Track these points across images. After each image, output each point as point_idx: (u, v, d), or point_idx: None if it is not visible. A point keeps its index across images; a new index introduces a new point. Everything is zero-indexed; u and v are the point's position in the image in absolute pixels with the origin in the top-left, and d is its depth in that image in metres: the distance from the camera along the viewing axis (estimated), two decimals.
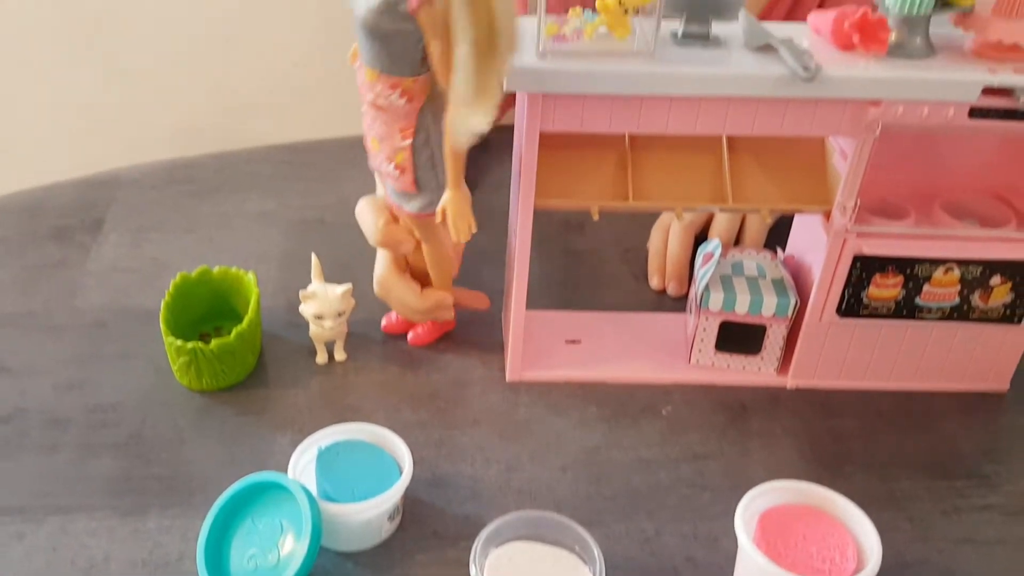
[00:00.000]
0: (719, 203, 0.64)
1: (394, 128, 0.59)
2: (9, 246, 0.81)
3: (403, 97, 0.58)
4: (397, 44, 0.55)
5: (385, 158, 0.61)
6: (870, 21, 0.56)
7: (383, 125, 0.59)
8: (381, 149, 0.61)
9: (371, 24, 0.54)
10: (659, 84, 0.57)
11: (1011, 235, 0.63)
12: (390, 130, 0.59)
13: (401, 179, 0.62)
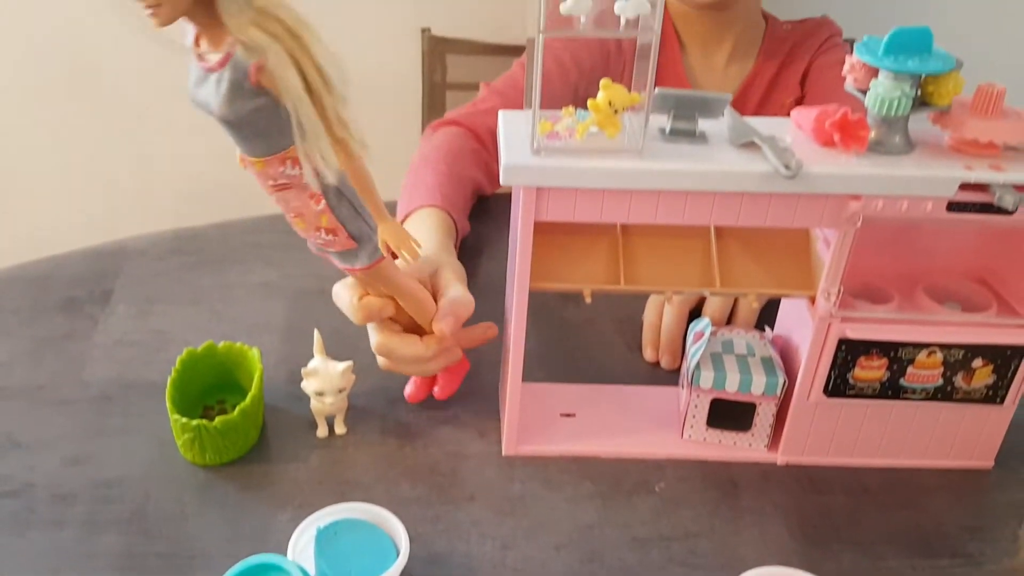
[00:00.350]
0: (707, 287, 0.67)
1: (304, 198, 0.58)
2: (20, 317, 0.83)
3: (295, 166, 0.56)
4: (262, 121, 0.54)
5: (313, 230, 0.61)
6: (850, 121, 0.59)
7: (295, 200, 0.58)
8: (306, 224, 0.61)
9: (230, 116, 0.52)
10: (647, 180, 0.59)
11: (991, 320, 0.65)
12: (302, 202, 0.59)
13: (337, 240, 0.61)
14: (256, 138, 0.55)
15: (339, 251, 0.63)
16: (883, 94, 0.57)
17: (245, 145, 0.55)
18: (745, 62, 1.10)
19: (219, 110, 0.52)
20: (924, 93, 0.60)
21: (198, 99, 0.53)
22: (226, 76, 0.51)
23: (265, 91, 0.52)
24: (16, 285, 0.88)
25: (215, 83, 0.51)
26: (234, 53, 0.50)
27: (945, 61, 0.58)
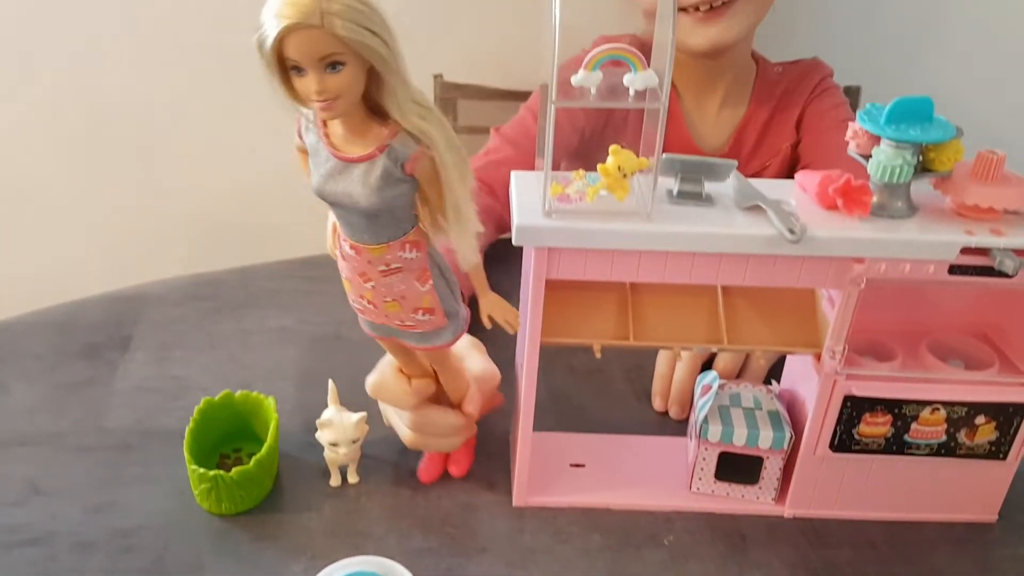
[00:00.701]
0: (715, 343, 0.68)
1: (411, 281, 0.61)
2: (43, 363, 0.85)
3: (413, 249, 0.60)
4: (399, 207, 0.57)
5: (410, 312, 0.62)
6: (853, 187, 0.60)
7: (401, 284, 0.61)
8: (402, 308, 0.62)
9: (377, 203, 0.55)
10: (655, 241, 0.61)
11: (993, 379, 0.67)
12: (409, 286, 0.61)
13: (432, 320, 0.63)
14: (389, 225, 0.58)
15: (426, 331, 0.64)
16: (885, 162, 0.59)
17: (374, 232, 0.58)
18: (737, 107, 1.11)
19: (366, 199, 0.55)
20: (926, 159, 0.61)
21: (334, 190, 0.55)
22: (379, 164, 0.54)
23: (410, 179, 0.55)
24: (38, 330, 0.90)
25: (362, 173, 0.54)
26: (389, 144, 0.54)
27: (946, 130, 0.59)
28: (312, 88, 0.51)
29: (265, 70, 0.52)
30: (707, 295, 0.69)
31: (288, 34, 0.49)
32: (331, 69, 0.50)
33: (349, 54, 0.50)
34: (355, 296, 0.63)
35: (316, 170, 0.56)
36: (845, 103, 1.10)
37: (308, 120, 0.56)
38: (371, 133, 0.54)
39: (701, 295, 0.69)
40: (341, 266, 0.63)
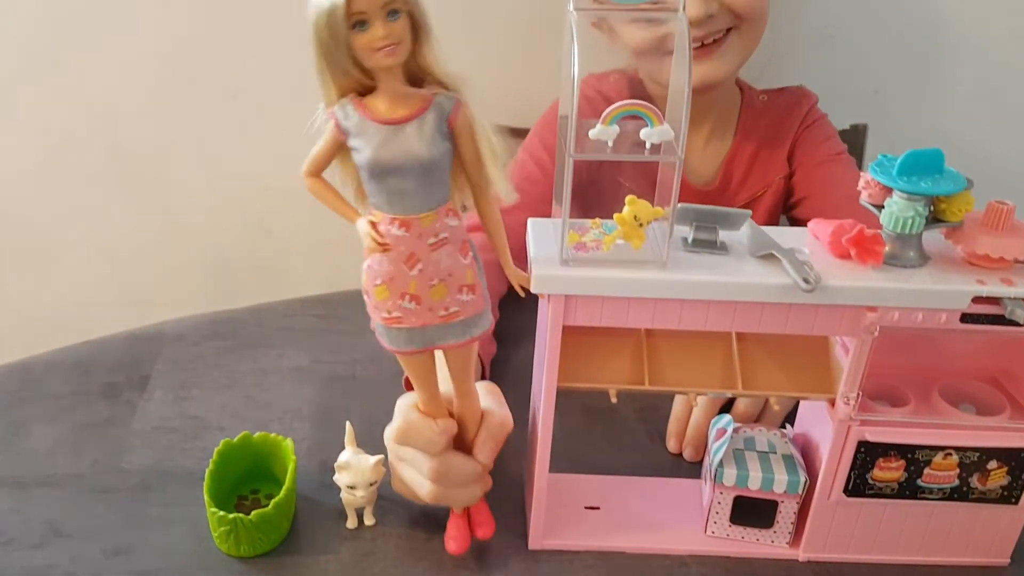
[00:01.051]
0: (730, 389, 0.69)
1: (455, 254, 0.62)
2: (62, 403, 0.86)
3: (455, 217, 0.62)
4: (444, 167, 0.60)
5: (455, 291, 0.63)
6: (866, 237, 0.61)
7: (448, 258, 0.61)
8: (448, 288, 0.62)
9: (435, 155, 0.58)
10: (670, 290, 0.62)
11: (1005, 424, 0.67)
12: (454, 260, 0.62)
13: (472, 300, 0.64)
14: (440, 185, 0.60)
15: (468, 317, 0.64)
16: (897, 213, 0.60)
17: (425, 196, 0.60)
18: (723, 140, 1.09)
19: (426, 151, 0.58)
20: (937, 210, 0.62)
21: (392, 153, 0.58)
22: (429, 118, 0.58)
23: (450, 138, 0.59)
24: (59, 369, 0.91)
25: (416, 129, 0.58)
26: (433, 98, 0.58)
27: (956, 182, 0.60)
28: (379, 34, 0.55)
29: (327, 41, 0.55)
30: (722, 340, 0.70)
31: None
32: (391, 16, 0.55)
33: (402, 3, 0.55)
34: (396, 298, 0.62)
35: (367, 145, 0.58)
36: (835, 134, 1.10)
37: (345, 109, 0.59)
38: (413, 97, 0.58)
39: (716, 340, 0.69)
40: (376, 268, 0.62)
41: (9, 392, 0.88)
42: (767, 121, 1.09)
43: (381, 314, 0.64)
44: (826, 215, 1.02)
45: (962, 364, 0.72)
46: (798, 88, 1.12)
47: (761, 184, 1.08)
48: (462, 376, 0.69)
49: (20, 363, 0.92)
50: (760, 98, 1.10)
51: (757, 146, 1.08)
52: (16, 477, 0.78)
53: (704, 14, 0.91)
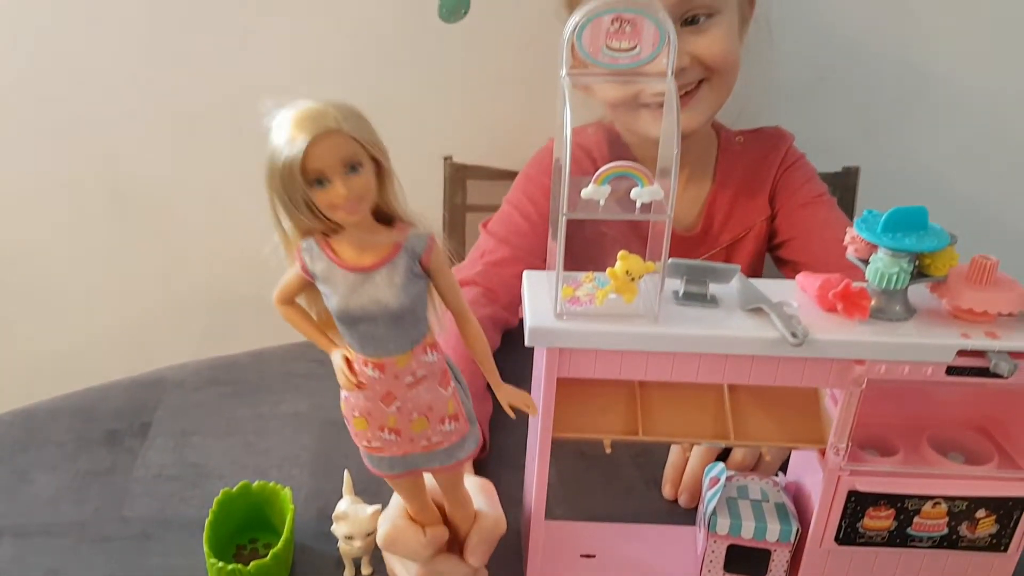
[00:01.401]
0: (722, 439, 0.70)
1: (435, 388, 0.60)
2: (65, 451, 0.87)
3: (433, 351, 0.60)
4: (419, 306, 0.58)
5: (438, 423, 0.61)
6: (852, 292, 0.63)
7: (427, 393, 0.60)
8: (430, 422, 0.61)
9: (405, 302, 0.56)
10: (662, 343, 0.64)
11: (993, 473, 0.68)
12: (434, 394, 0.60)
13: (456, 428, 0.62)
14: (412, 327, 0.58)
15: (452, 444, 0.63)
16: (883, 269, 0.62)
17: (398, 339, 0.57)
18: (702, 183, 1.11)
19: (396, 299, 0.56)
20: (922, 264, 0.64)
21: (359, 303, 0.56)
22: (400, 263, 0.56)
23: (424, 275, 0.57)
24: (61, 417, 0.92)
25: (385, 276, 0.56)
26: (403, 243, 0.56)
27: (940, 238, 0.62)
28: (340, 192, 0.52)
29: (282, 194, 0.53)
30: (714, 391, 0.71)
31: (312, 146, 0.51)
32: (352, 171, 0.53)
33: (363, 155, 0.53)
34: (374, 431, 0.62)
35: (334, 293, 0.56)
36: (815, 175, 1.12)
37: (311, 251, 0.57)
38: (381, 239, 0.56)
39: (709, 391, 0.71)
40: (353, 401, 0.61)
41: (13, 440, 0.89)
42: (745, 163, 1.11)
43: (361, 443, 0.63)
44: (812, 257, 1.06)
45: (951, 413, 0.73)
46: (774, 129, 1.14)
47: (742, 227, 1.09)
48: (451, 488, 0.68)
49: (24, 410, 0.93)
50: (737, 140, 1.12)
51: (737, 189, 1.10)
52: (19, 526, 0.78)
53: (676, 68, 0.93)
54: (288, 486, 0.77)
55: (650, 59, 0.60)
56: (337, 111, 0.52)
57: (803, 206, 1.08)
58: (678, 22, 0.95)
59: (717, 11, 0.97)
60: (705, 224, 1.10)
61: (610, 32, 0.59)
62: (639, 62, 0.60)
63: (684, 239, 1.09)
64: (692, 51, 0.95)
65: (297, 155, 0.51)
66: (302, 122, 0.51)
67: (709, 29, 0.96)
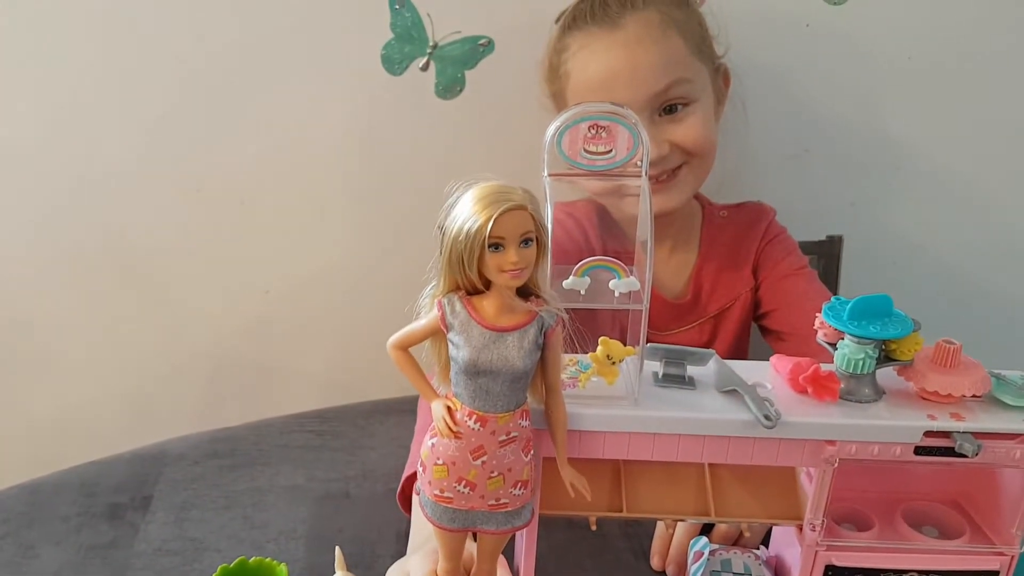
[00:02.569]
0: (703, 515, 0.73)
1: (519, 452, 0.65)
2: (69, 525, 0.90)
3: (527, 418, 0.65)
4: (529, 375, 0.64)
5: (511, 486, 0.66)
6: (821, 375, 0.66)
7: (511, 455, 0.65)
8: (504, 482, 0.65)
9: (528, 365, 0.62)
10: (642, 424, 0.67)
11: (964, 548, 0.71)
12: (516, 457, 0.65)
13: (523, 495, 0.67)
14: (523, 390, 0.64)
15: (514, 509, 0.67)
16: (849, 355, 0.65)
17: (508, 399, 0.63)
18: (688, 251, 1.15)
19: (522, 361, 0.62)
20: (888, 349, 0.67)
21: (489, 358, 0.62)
22: (531, 331, 0.62)
23: (542, 349, 0.63)
24: (66, 491, 0.95)
25: (517, 339, 0.62)
26: (538, 314, 0.62)
27: (904, 325, 0.65)
28: (511, 259, 0.60)
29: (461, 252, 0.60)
30: (696, 468, 0.74)
31: (502, 215, 0.59)
32: (524, 244, 0.60)
33: (534, 233, 0.60)
34: (453, 480, 0.65)
35: (467, 344, 0.62)
36: (796, 248, 1.17)
37: (453, 305, 0.63)
38: (518, 308, 0.63)
39: (690, 468, 0.73)
40: (441, 449, 0.65)
41: (19, 514, 0.92)
42: (729, 236, 1.15)
43: (434, 491, 0.66)
44: (793, 328, 1.09)
45: (925, 488, 0.76)
46: (756, 204, 1.19)
47: (729, 296, 1.13)
48: (489, 557, 0.72)
49: (29, 484, 0.96)
50: (720, 214, 1.17)
51: (721, 260, 1.14)
52: None
53: (657, 156, 0.99)
54: (284, 561, 0.79)
55: (625, 161, 0.64)
56: (525, 193, 0.60)
57: (784, 278, 1.12)
58: (656, 112, 1.00)
59: (694, 99, 1.03)
60: (694, 293, 1.14)
61: (587, 137, 0.63)
62: (615, 164, 0.64)
63: (675, 306, 1.13)
64: (671, 139, 1.01)
65: (490, 220, 0.59)
66: (495, 196, 0.59)
67: (686, 118, 1.02)
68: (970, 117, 1.35)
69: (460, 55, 1.29)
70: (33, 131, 1.25)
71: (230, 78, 1.23)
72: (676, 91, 1.00)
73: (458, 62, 1.31)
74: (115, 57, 1.20)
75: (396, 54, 1.30)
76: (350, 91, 1.26)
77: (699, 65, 1.04)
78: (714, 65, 1.08)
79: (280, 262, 1.36)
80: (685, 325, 1.14)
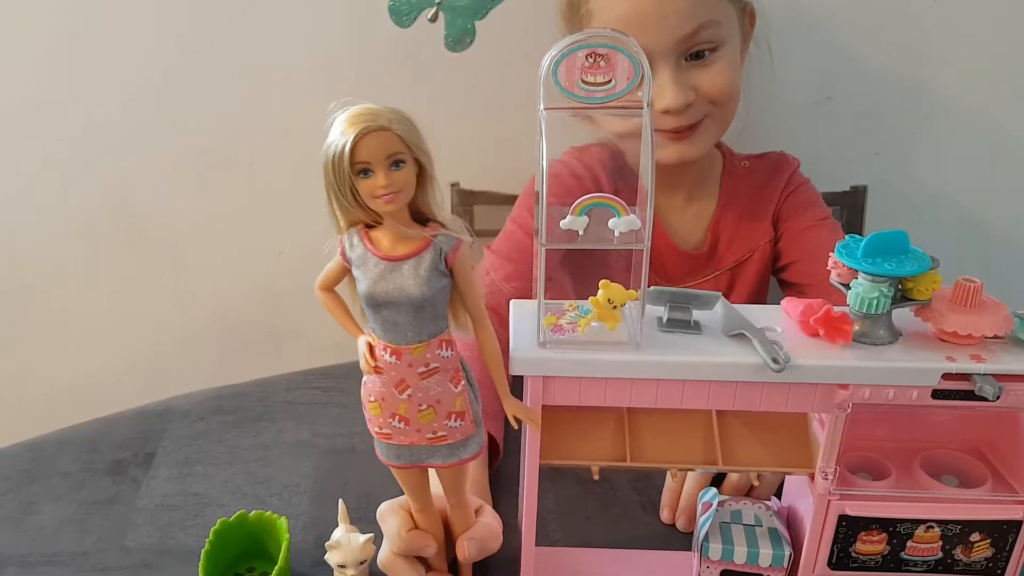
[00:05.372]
0: (710, 464, 0.70)
1: (445, 383, 0.65)
2: (71, 482, 0.89)
3: (448, 348, 0.64)
4: (440, 302, 0.63)
5: (443, 418, 0.66)
6: (833, 316, 0.63)
7: (437, 386, 0.65)
8: (436, 414, 0.66)
9: (427, 294, 0.61)
10: (645, 370, 0.64)
11: (986, 496, 0.68)
12: (444, 388, 0.65)
13: (461, 426, 0.67)
14: (431, 320, 0.63)
15: (455, 441, 0.67)
16: (862, 294, 0.62)
17: (416, 329, 0.63)
18: (705, 200, 1.11)
19: (417, 289, 0.61)
20: (905, 289, 0.64)
21: (385, 289, 0.61)
22: (426, 258, 0.61)
23: (449, 275, 0.63)
24: (69, 448, 0.94)
25: (412, 267, 0.61)
26: (433, 240, 0.61)
27: (921, 262, 0.62)
28: (380, 183, 0.58)
29: (333, 182, 0.59)
30: (703, 416, 0.71)
31: (362, 138, 0.57)
32: (394, 167, 0.59)
33: (407, 154, 0.59)
34: (386, 417, 0.66)
35: (364, 277, 0.62)
36: (819, 199, 1.12)
37: (351, 239, 0.63)
38: (414, 236, 0.62)
39: (697, 416, 0.71)
40: (371, 386, 0.66)
41: (22, 471, 0.91)
42: (750, 187, 1.11)
43: (374, 428, 0.68)
44: (814, 280, 1.05)
45: (945, 436, 0.73)
46: (779, 154, 1.15)
47: (747, 248, 1.09)
48: (453, 490, 0.72)
49: (32, 441, 0.95)
50: (743, 164, 1.12)
51: (741, 211, 1.10)
52: (23, 556, 0.80)
53: (683, 103, 0.95)
54: (286, 515, 0.78)
55: (625, 92, 0.60)
56: (391, 113, 0.59)
57: (807, 229, 1.08)
58: (683, 58, 0.96)
59: (721, 44, 0.98)
60: (711, 244, 1.10)
61: (584, 67, 0.60)
62: (614, 95, 0.60)
63: (691, 257, 1.10)
64: (697, 85, 0.96)
65: (347, 144, 0.57)
66: (357, 118, 0.58)
67: (714, 63, 0.97)
68: (1003, 65, 1.29)
69: (469, 4, 1.26)
70: (39, 95, 1.23)
71: (237, 35, 1.21)
72: (704, 35, 0.95)
73: (467, 12, 1.27)
74: (122, 17, 1.18)
75: (404, 5, 1.26)
76: (359, 46, 1.23)
77: (727, 4, 0.99)
78: (741, 3, 1.03)
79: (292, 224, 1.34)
80: (700, 278, 1.11)
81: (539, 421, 0.67)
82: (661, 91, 0.95)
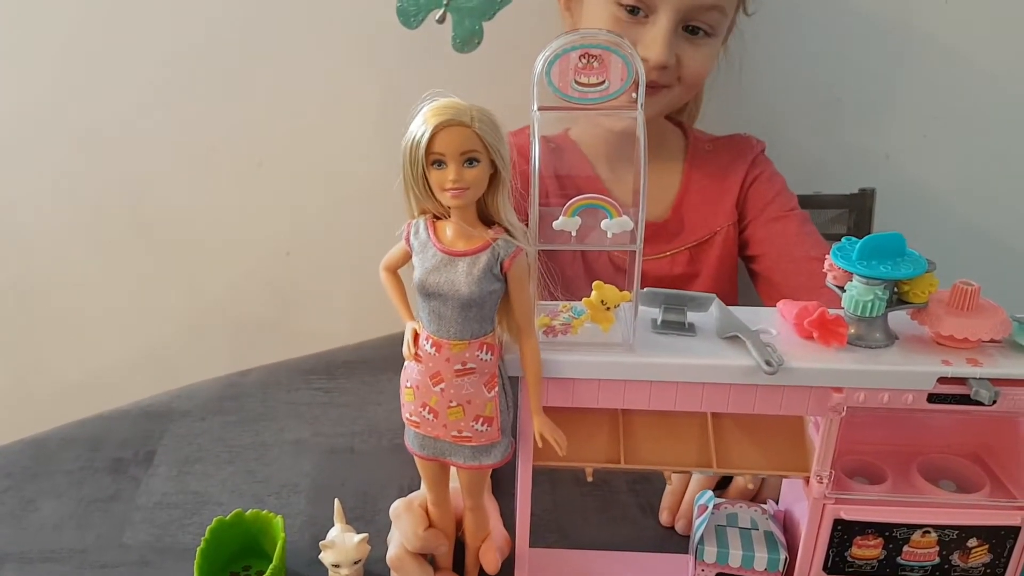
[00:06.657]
0: (705, 467, 0.69)
1: (479, 385, 0.64)
2: (71, 479, 0.90)
3: (489, 352, 0.64)
4: (488, 305, 0.63)
5: (471, 419, 0.65)
6: (827, 319, 0.62)
7: (470, 387, 0.64)
8: (465, 414, 0.65)
9: (475, 294, 0.61)
10: (638, 372, 0.64)
11: (984, 502, 0.67)
12: (476, 390, 0.65)
13: (487, 432, 0.66)
14: (476, 320, 0.63)
15: (479, 445, 0.67)
16: (857, 297, 0.61)
17: (460, 326, 0.63)
18: (671, 175, 1.11)
19: (467, 287, 0.61)
20: (901, 291, 0.63)
21: (436, 280, 0.62)
22: (483, 259, 0.61)
23: (503, 280, 0.62)
24: (71, 445, 0.95)
25: (467, 265, 0.62)
26: (492, 243, 0.61)
27: (916, 265, 0.61)
28: (450, 177, 0.59)
29: (408, 169, 0.60)
30: (699, 418, 0.70)
31: (440, 130, 0.58)
32: (468, 164, 0.59)
33: (483, 154, 0.59)
34: (417, 405, 0.66)
35: (421, 265, 0.63)
36: (784, 188, 1.11)
37: (418, 227, 0.64)
38: (476, 235, 0.62)
39: (693, 418, 0.70)
40: (410, 371, 0.66)
41: (23, 468, 0.91)
42: (714, 165, 1.11)
43: (405, 414, 0.68)
44: (781, 276, 1.05)
45: (943, 440, 0.72)
46: (744, 136, 1.15)
47: (708, 228, 1.09)
48: (471, 493, 0.72)
49: (35, 438, 0.96)
50: (706, 147, 1.13)
51: (704, 191, 1.10)
52: (23, 552, 0.80)
53: (664, 64, 0.96)
54: (284, 514, 0.78)
55: (619, 93, 0.60)
56: (476, 112, 0.59)
57: (773, 220, 1.07)
58: (682, 26, 0.97)
59: (715, 32, 0.99)
60: (675, 216, 1.09)
61: (578, 68, 0.60)
62: (608, 96, 0.60)
63: (654, 225, 1.08)
64: (680, 56, 0.98)
65: (425, 134, 0.58)
66: (439, 110, 0.58)
67: (703, 46, 0.99)
68: (1015, 67, 1.28)
69: (477, 5, 1.26)
70: (54, 96, 1.24)
71: (247, 38, 1.22)
72: (711, 16, 0.97)
73: (476, 13, 1.27)
74: (135, 19, 1.19)
75: (411, 6, 1.26)
76: (367, 46, 1.23)
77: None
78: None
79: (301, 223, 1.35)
80: (658, 253, 1.09)
81: (565, 444, 0.66)
82: (652, 41, 0.96)
